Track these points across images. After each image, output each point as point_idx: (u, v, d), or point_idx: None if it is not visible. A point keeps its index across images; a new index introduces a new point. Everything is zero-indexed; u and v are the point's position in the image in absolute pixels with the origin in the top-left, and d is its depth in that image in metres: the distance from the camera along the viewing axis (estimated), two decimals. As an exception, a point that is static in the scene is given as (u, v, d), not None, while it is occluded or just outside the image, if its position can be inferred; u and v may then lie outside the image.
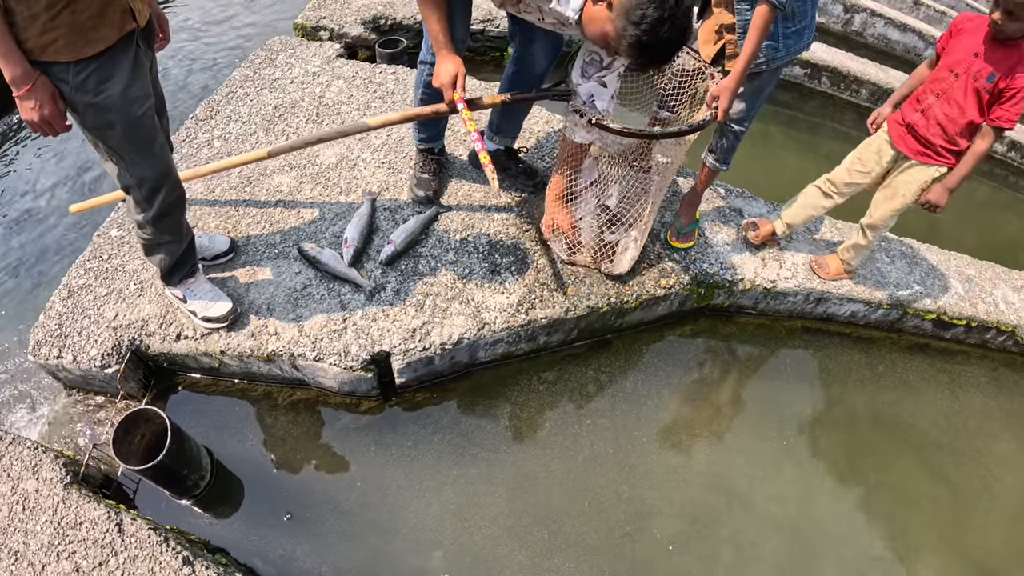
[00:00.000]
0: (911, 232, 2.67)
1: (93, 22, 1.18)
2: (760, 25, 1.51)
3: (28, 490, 1.49)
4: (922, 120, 1.82)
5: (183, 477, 1.63)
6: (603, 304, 2.01)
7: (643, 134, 1.64)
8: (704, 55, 1.79)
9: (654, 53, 1.29)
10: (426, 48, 1.85)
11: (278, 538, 1.65)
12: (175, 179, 1.53)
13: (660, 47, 1.28)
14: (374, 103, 2.64)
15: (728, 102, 1.61)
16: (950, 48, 1.77)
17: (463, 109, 1.56)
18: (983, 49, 1.68)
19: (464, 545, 1.68)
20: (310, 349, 1.77)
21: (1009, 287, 2.54)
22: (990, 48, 1.67)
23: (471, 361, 1.99)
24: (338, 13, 3.32)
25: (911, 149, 1.87)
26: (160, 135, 1.45)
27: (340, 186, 2.24)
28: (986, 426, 2.24)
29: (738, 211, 2.45)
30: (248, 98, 2.62)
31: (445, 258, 2.04)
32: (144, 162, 1.42)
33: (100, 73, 1.24)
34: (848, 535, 1.87)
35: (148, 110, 1.37)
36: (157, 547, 1.43)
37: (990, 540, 1.94)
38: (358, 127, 1.80)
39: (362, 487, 1.75)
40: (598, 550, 1.71)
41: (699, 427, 2.04)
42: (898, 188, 1.95)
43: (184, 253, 1.70)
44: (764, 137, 3.20)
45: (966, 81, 1.71)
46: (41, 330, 1.79)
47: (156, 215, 1.53)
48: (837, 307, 2.32)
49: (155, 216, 1.53)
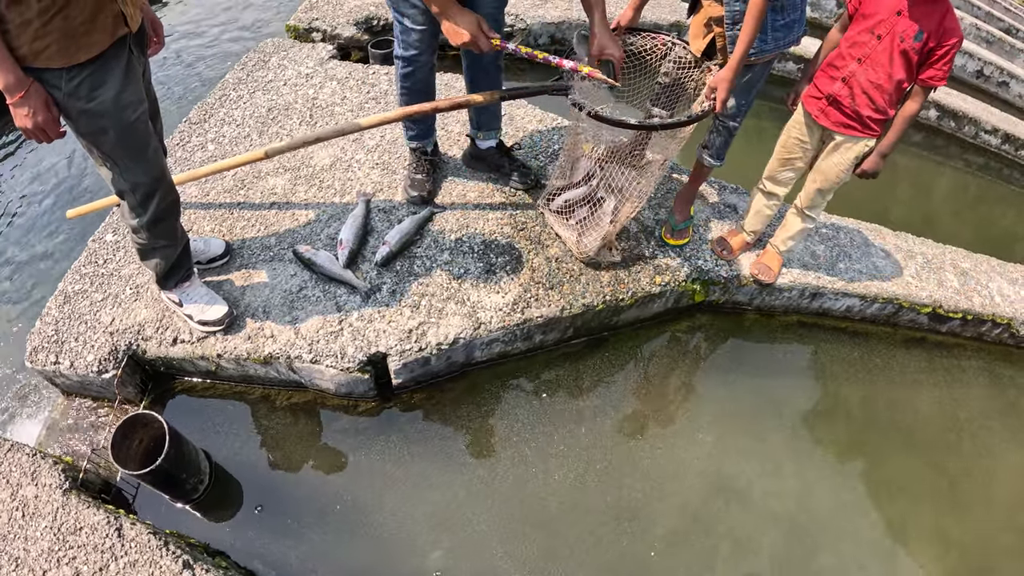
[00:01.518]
0: (906, 226, 2.68)
1: (85, 27, 1.18)
2: (755, 15, 1.51)
3: (27, 496, 1.50)
4: (845, 90, 1.69)
5: (182, 481, 1.63)
6: (599, 302, 2.01)
7: (642, 126, 1.64)
8: (695, 49, 1.79)
9: None
10: (398, 43, 1.86)
11: (278, 540, 1.65)
12: (169, 184, 1.53)
13: None
14: (367, 104, 2.63)
15: (726, 92, 1.62)
16: (866, 8, 1.62)
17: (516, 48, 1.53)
18: (905, 5, 1.54)
19: (463, 545, 1.69)
20: (306, 351, 1.78)
21: (1004, 280, 2.55)
22: (914, 4, 1.53)
23: (467, 361, 2.00)
24: (330, 14, 3.32)
25: (835, 122, 1.75)
26: (154, 140, 1.45)
27: (335, 188, 2.24)
28: (983, 419, 2.25)
29: (732, 207, 2.45)
30: (241, 101, 2.61)
31: (440, 258, 2.04)
32: (138, 167, 1.42)
33: (93, 79, 1.24)
34: (846, 529, 1.88)
35: (141, 115, 1.37)
36: (157, 551, 1.43)
37: (987, 532, 1.95)
38: (353, 127, 1.80)
39: (360, 488, 1.76)
40: (597, 547, 1.72)
41: (696, 423, 2.05)
42: (828, 173, 1.86)
43: (179, 257, 1.70)
44: (758, 133, 3.20)
45: (891, 43, 1.57)
46: (38, 336, 1.79)
47: (150, 220, 1.53)
48: (833, 302, 2.32)
49: (149, 221, 1.53)
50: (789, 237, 2.12)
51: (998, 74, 4.42)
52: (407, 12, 1.74)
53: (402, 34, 1.81)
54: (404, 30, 1.79)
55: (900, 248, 2.51)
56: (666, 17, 3.62)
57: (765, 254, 2.21)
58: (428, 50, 1.85)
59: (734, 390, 2.15)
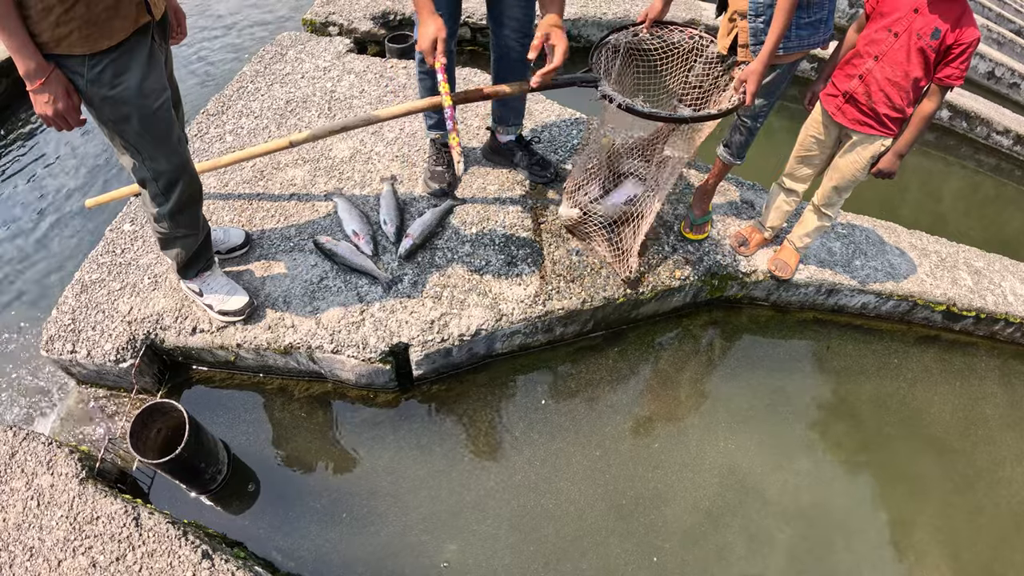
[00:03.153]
0: (920, 225, 2.68)
1: (108, 14, 1.16)
2: (785, 7, 1.50)
3: (43, 485, 1.48)
4: (862, 87, 1.68)
5: (201, 471, 1.62)
6: (619, 295, 2.01)
7: (673, 118, 1.62)
8: (721, 47, 1.79)
9: None
10: None
11: (295, 531, 1.64)
12: (192, 173, 1.52)
13: None
14: (386, 97, 2.63)
15: (756, 85, 1.61)
16: (884, 6, 1.62)
17: (441, 81, 1.47)
18: (923, 3, 1.53)
19: (480, 538, 1.67)
20: (328, 341, 1.76)
21: (1017, 279, 2.55)
22: (931, 2, 1.52)
23: (488, 352, 1.99)
24: (347, 8, 3.32)
25: (852, 120, 1.75)
26: (177, 128, 1.43)
27: (354, 179, 2.23)
28: (997, 417, 2.25)
29: (750, 204, 2.45)
30: (259, 93, 2.61)
31: (461, 250, 2.03)
32: (160, 155, 1.41)
33: (116, 66, 1.23)
34: (860, 526, 1.87)
35: (164, 103, 1.36)
36: (175, 541, 1.41)
37: (1002, 531, 1.95)
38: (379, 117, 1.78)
39: (378, 480, 1.74)
40: (612, 541, 1.71)
41: (712, 418, 2.04)
42: (845, 171, 1.85)
43: (200, 247, 1.69)
44: (774, 132, 3.20)
45: (908, 40, 1.56)
46: (54, 325, 1.78)
47: (173, 209, 1.51)
48: (848, 298, 2.32)
49: (172, 210, 1.52)
50: (806, 234, 2.12)
51: (1009, 75, 4.43)
52: None
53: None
54: None
55: (915, 246, 2.51)
56: (680, 15, 3.63)
57: (782, 250, 2.21)
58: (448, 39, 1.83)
59: (749, 385, 2.15)
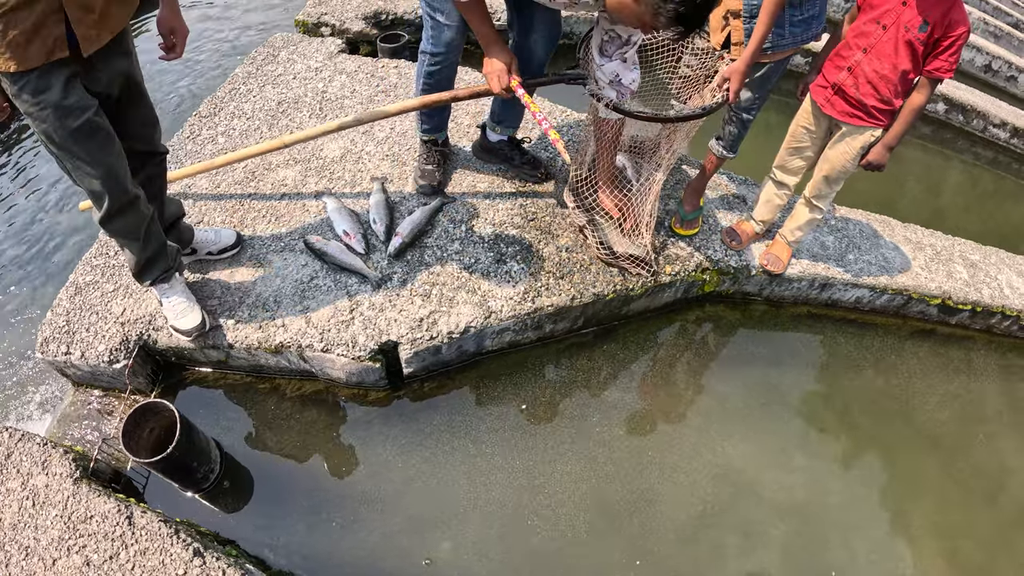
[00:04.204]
0: (915, 218, 2.67)
1: (24, 38, 1.21)
2: (770, 8, 1.51)
3: (38, 485, 1.49)
4: (850, 79, 1.68)
5: (193, 469, 1.63)
6: (609, 291, 2.01)
7: (656, 118, 1.65)
8: (714, 43, 1.79)
9: (693, 20, 1.34)
10: (426, 39, 1.85)
11: (287, 529, 1.65)
12: (121, 187, 1.49)
13: (697, 13, 1.32)
14: (377, 97, 2.64)
15: (739, 84, 1.62)
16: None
17: (523, 94, 1.64)
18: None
19: (473, 535, 1.68)
20: (318, 340, 1.77)
21: (1014, 272, 2.54)
22: None
23: (478, 350, 1.99)
24: (339, 9, 3.33)
25: (840, 111, 1.75)
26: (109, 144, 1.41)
27: (345, 179, 2.24)
28: (993, 411, 2.24)
29: (742, 198, 2.45)
30: (251, 94, 2.62)
31: (451, 248, 2.04)
32: (82, 170, 1.41)
33: (35, 84, 1.27)
34: (856, 522, 1.87)
35: (86, 121, 1.34)
36: (168, 539, 1.42)
37: (998, 525, 1.94)
38: (376, 114, 1.80)
39: (370, 478, 1.75)
40: (605, 539, 1.71)
41: (705, 414, 2.04)
42: (835, 162, 1.85)
43: (150, 258, 1.65)
44: (766, 126, 3.19)
45: (896, 33, 1.56)
46: (48, 327, 1.79)
47: (103, 218, 1.52)
48: (842, 292, 2.31)
49: (102, 219, 1.52)
50: (798, 227, 2.11)
51: (1006, 68, 4.40)
52: (443, 8, 1.72)
53: (433, 30, 1.79)
54: (437, 26, 1.78)
55: (909, 240, 2.50)
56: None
57: (774, 244, 2.20)
58: (457, 49, 1.84)
59: (743, 381, 2.14)
